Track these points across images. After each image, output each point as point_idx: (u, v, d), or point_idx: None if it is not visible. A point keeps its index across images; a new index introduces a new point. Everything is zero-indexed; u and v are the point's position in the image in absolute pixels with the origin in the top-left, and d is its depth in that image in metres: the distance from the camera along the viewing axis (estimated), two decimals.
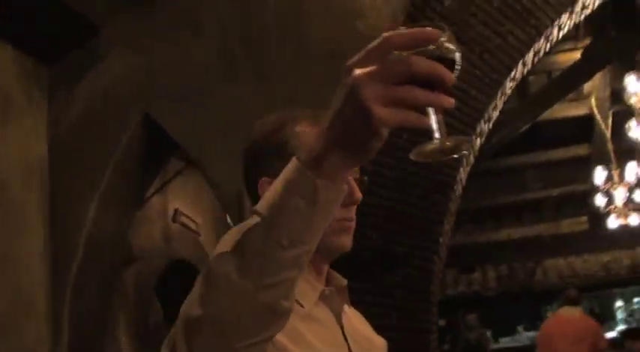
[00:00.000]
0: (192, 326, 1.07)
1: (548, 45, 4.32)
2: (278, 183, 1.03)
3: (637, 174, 8.55)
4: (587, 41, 7.83)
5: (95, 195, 4.38)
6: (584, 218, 11.65)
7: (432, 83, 0.90)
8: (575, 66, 7.80)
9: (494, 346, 11.16)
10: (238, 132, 4.24)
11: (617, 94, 9.03)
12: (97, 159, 4.42)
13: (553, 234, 11.32)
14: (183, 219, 6.60)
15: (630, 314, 10.90)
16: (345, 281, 1.52)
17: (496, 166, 10.14)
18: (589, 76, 8.53)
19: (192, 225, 6.84)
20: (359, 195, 1.48)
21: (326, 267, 1.51)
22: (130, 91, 4.48)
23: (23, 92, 4.35)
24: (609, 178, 8.72)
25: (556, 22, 4.10)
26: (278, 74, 4.33)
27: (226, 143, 4.31)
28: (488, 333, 11.06)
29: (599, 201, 8.89)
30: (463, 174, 4.33)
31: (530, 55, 4.20)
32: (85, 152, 4.44)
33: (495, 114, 4.36)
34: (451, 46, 0.94)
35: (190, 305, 1.07)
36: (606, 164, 8.87)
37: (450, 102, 0.92)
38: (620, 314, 11.03)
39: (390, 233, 3.99)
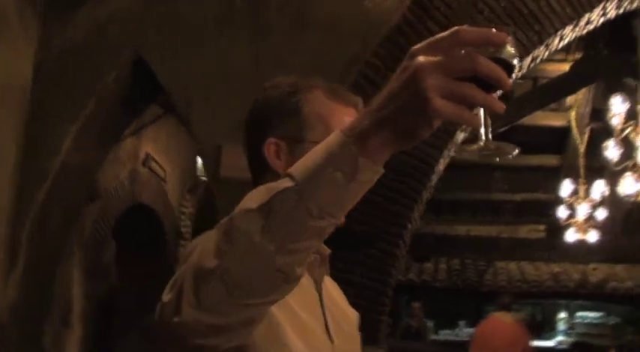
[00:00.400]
0: (203, 276, 1.06)
1: (547, 53, 4.34)
2: (318, 152, 1.03)
3: (603, 192, 8.67)
4: (577, 55, 7.87)
5: (73, 126, 4.32)
6: (543, 227, 11.84)
7: (489, 85, 0.92)
8: (563, 77, 7.87)
9: (434, 337, 11.32)
10: (227, 86, 4.25)
11: (598, 112, 9.12)
12: (82, 90, 4.34)
13: (510, 237, 11.47)
14: (153, 165, 6.58)
15: (571, 327, 11.10)
16: (328, 251, 1.53)
17: (466, 162, 10.22)
18: (574, 90, 8.62)
19: (160, 172, 6.82)
20: None
21: None
22: (126, 29, 4.40)
23: (17, 11, 4.25)
24: (575, 192, 8.83)
25: (559, 32, 4.11)
26: (275, 35, 4.30)
27: (214, 96, 4.29)
28: (430, 323, 11.22)
29: (562, 212, 9.00)
30: (442, 165, 4.35)
31: (528, 60, 4.22)
32: (70, 81, 4.35)
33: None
34: (513, 52, 0.96)
35: (205, 256, 1.07)
36: (574, 178, 8.96)
37: (502, 107, 0.94)
38: (561, 326, 11.23)
39: (361, 212, 3.99)
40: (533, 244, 11.34)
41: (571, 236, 8.92)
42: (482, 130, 0.97)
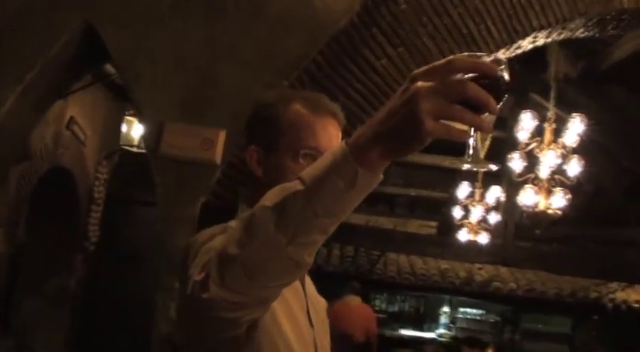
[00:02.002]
0: (227, 262, 1.24)
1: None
2: (325, 161, 1.19)
3: (497, 198, 9.15)
4: None
5: (17, 88, 4.33)
6: (434, 223, 12.31)
7: (478, 107, 1.08)
8: None
9: None
10: (176, 67, 4.36)
11: (501, 121, 9.61)
12: (30, 52, 4.34)
13: (404, 231, 11.86)
14: (75, 128, 6.57)
15: (452, 321, 11.58)
16: None
17: None
18: None
19: (81, 135, 6.81)
20: None
21: None
22: None
23: None
24: (471, 195, 9.26)
25: (492, 55, 4.41)
26: (228, 23, 4.41)
27: (162, 74, 4.38)
28: None
29: (456, 212, 9.42)
30: None
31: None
32: (19, 42, 4.34)
33: None
34: (504, 79, 1.11)
35: (228, 244, 1.25)
36: (471, 181, 9.38)
37: (489, 128, 1.16)
38: (443, 319, 11.67)
39: None
40: (425, 239, 11.76)
41: (463, 236, 9.33)
42: (471, 145, 1.14)
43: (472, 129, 1.11)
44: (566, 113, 6.81)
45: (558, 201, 6.69)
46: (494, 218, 9.21)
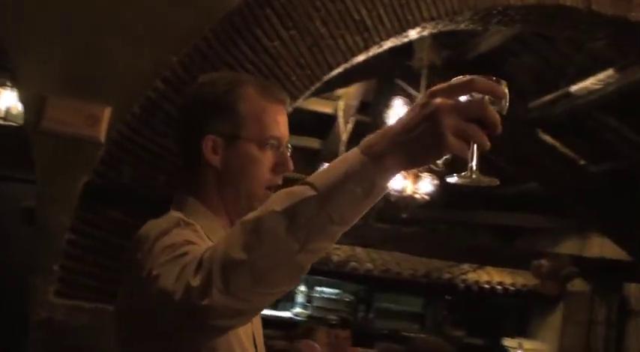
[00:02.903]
0: (232, 267, 1.21)
1: (364, 57, 4.68)
2: (338, 168, 1.21)
3: None
4: None
5: None
6: None
7: (487, 127, 1.16)
8: (344, 70, 8.33)
9: None
10: (60, 37, 4.13)
11: (365, 106, 9.82)
12: None
13: None
14: None
15: (308, 300, 11.71)
16: None
17: None
18: (350, 83, 9.16)
19: None
20: (291, 165, 1.74)
21: None
22: None
23: None
24: None
25: (382, 43, 4.48)
26: None
27: (42, 44, 4.14)
28: None
29: None
30: None
31: (351, 62, 4.54)
32: None
33: (300, 102, 4.63)
34: (507, 104, 1.19)
35: (232, 248, 1.22)
36: None
37: (489, 145, 1.21)
38: (299, 298, 11.78)
39: None
40: None
41: None
42: (474, 161, 1.20)
43: (475, 146, 1.18)
44: None
45: (425, 186, 6.93)
46: None
